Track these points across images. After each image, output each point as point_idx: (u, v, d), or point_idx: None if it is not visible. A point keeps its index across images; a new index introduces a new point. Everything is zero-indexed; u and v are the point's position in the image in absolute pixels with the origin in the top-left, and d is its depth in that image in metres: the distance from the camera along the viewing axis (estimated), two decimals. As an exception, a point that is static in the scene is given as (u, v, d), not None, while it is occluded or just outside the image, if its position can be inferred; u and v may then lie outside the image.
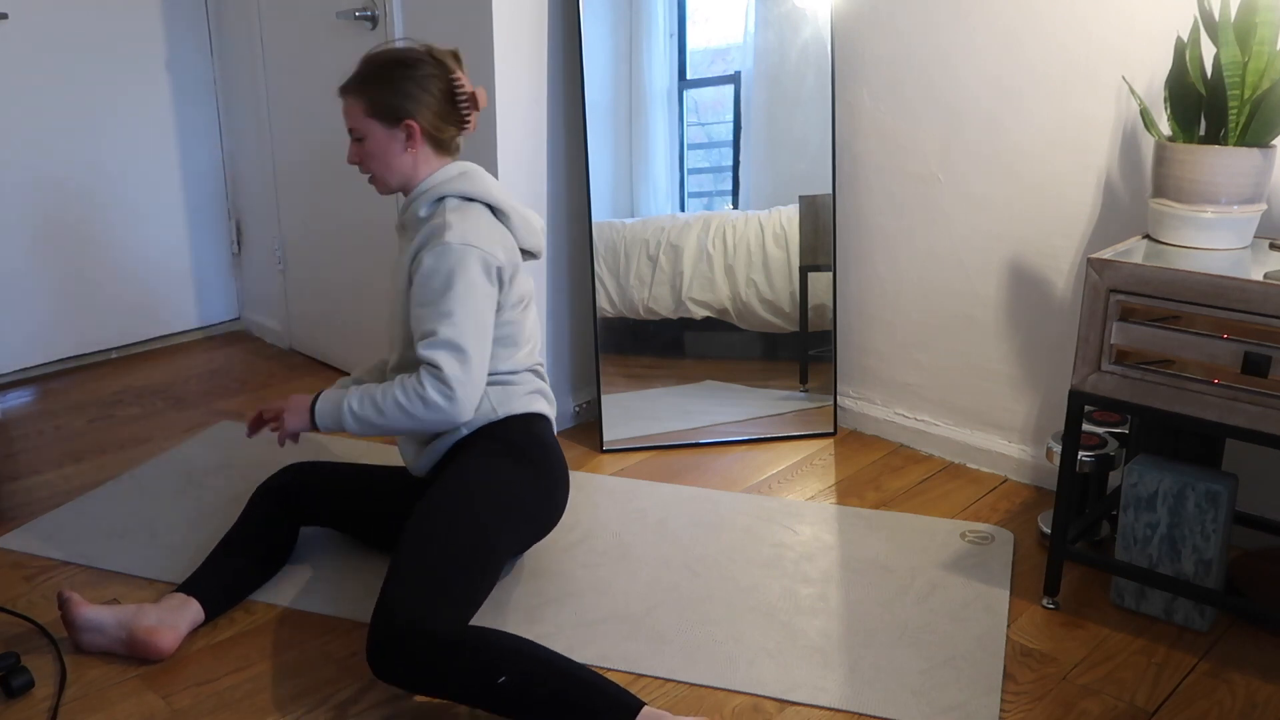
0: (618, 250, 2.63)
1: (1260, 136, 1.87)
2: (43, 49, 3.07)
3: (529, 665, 1.57)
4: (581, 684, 1.56)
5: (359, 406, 1.87)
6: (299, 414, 1.94)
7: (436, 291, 1.83)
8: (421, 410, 1.83)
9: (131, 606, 1.85)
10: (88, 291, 3.28)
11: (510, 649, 1.58)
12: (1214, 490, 1.86)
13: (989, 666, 1.82)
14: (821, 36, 2.60)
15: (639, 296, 2.66)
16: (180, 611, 1.85)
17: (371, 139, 1.92)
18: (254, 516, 2.04)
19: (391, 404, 1.85)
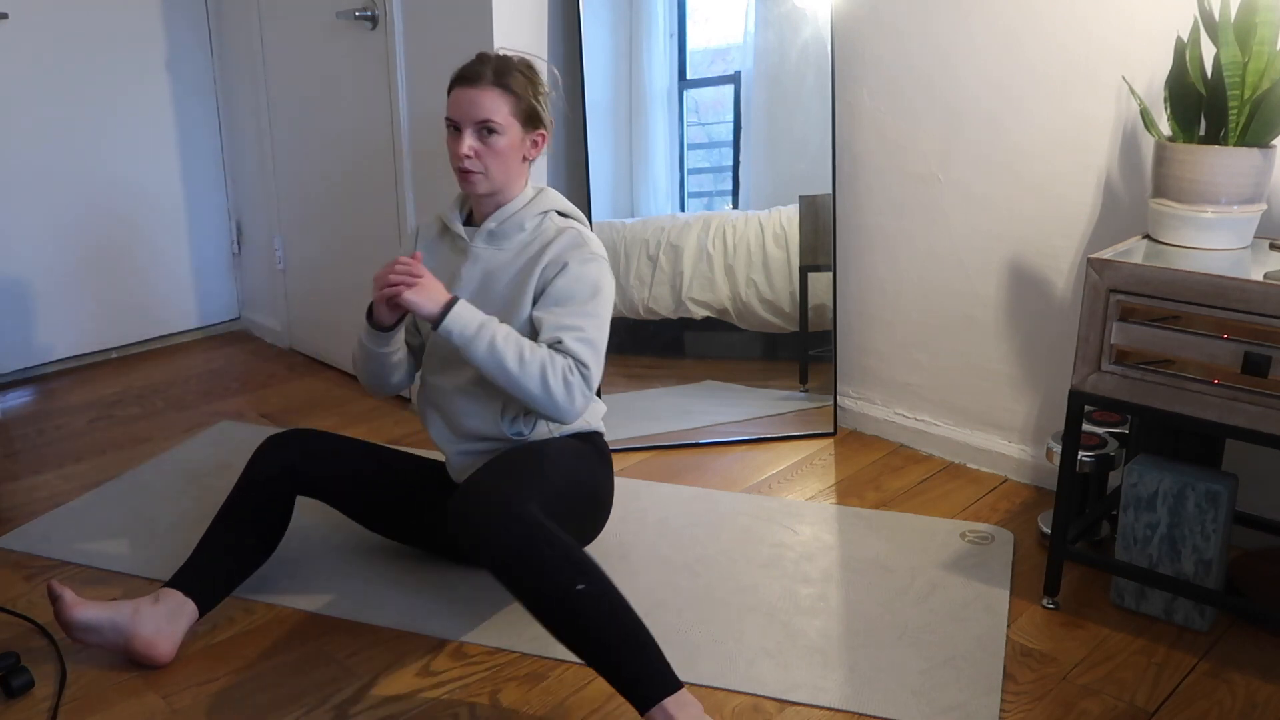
0: (618, 250, 2.62)
1: (1260, 136, 1.87)
2: (43, 49, 3.07)
3: (609, 592, 1.56)
4: (642, 637, 1.55)
5: (503, 341, 1.79)
6: (431, 296, 1.80)
7: (584, 296, 1.86)
8: (559, 389, 1.80)
9: (126, 606, 1.80)
10: (88, 291, 3.28)
11: (597, 570, 1.58)
12: (1214, 490, 1.86)
13: (989, 666, 1.82)
14: (821, 36, 2.59)
15: (639, 296, 2.66)
16: (177, 616, 1.82)
17: (507, 138, 1.88)
18: (254, 482, 1.94)
19: (536, 363, 1.79)
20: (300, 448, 1.99)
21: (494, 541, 1.58)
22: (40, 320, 3.19)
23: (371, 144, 2.91)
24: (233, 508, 1.94)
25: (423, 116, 2.72)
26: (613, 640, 1.54)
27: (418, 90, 2.71)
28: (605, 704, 1.73)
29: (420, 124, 2.73)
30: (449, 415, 1.97)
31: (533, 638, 1.89)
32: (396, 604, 2.00)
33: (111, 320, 3.35)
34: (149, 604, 1.81)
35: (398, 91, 2.74)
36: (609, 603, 1.56)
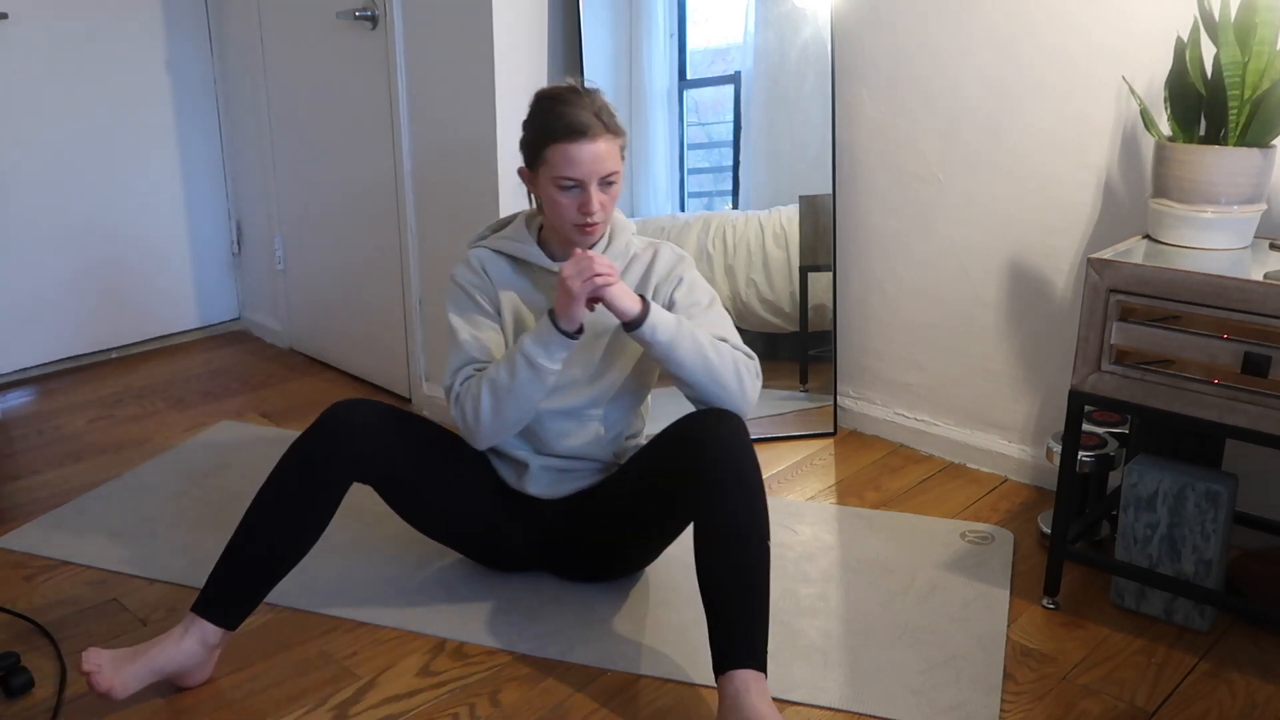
0: (618, 250, 2.62)
1: (1260, 136, 1.87)
2: (43, 49, 3.07)
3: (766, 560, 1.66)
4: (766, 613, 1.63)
5: (702, 335, 1.78)
6: (630, 295, 1.75)
7: (707, 301, 1.90)
8: (748, 381, 1.82)
9: (158, 653, 1.68)
10: (88, 291, 3.28)
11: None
12: (1214, 490, 1.86)
13: (989, 666, 1.82)
14: (821, 36, 2.60)
15: (639, 296, 2.66)
16: (209, 642, 1.73)
17: (620, 181, 1.82)
18: (313, 460, 1.75)
19: (729, 355, 1.79)
20: (378, 428, 1.80)
21: (748, 459, 1.70)
22: (40, 320, 3.19)
23: (371, 144, 2.91)
24: (278, 492, 1.74)
25: (423, 116, 2.72)
26: (757, 597, 1.62)
27: (418, 90, 2.71)
28: (605, 704, 1.73)
29: (420, 124, 2.73)
30: (540, 433, 1.91)
31: (533, 637, 1.89)
32: (396, 604, 2.00)
33: (111, 320, 3.35)
34: (179, 639, 1.70)
35: (398, 91, 2.74)
36: (768, 570, 1.65)
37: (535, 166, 1.81)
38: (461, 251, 1.98)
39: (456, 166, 2.65)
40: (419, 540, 2.22)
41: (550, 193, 1.79)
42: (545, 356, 1.77)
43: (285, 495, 1.75)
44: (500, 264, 1.91)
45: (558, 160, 1.76)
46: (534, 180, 1.84)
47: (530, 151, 1.82)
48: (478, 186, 2.60)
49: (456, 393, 1.84)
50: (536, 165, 1.81)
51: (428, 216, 2.79)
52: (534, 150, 1.81)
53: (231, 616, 1.73)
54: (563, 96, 1.79)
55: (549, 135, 1.77)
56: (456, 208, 2.69)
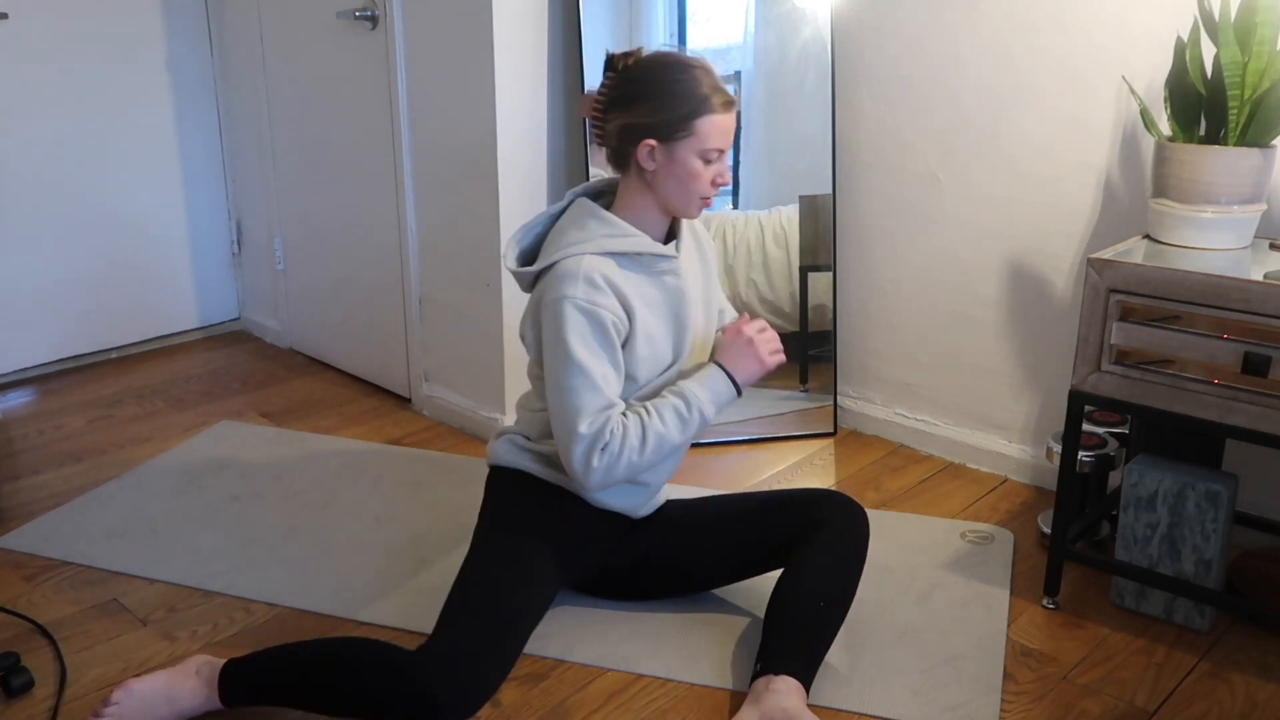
0: (618, 250, 2.62)
1: (1260, 136, 1.87)
2: (43, 49, 3.06)
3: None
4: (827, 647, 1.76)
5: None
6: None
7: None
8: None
9: (181, 694, 1.63)
10: (88, 291, 3.28)
11: None
12: (1214, 490, 1.86)
13: (989, 666, 1.82)
14: (821, 36, 2.60)
15: (639, 296, 2.66)
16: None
17: None
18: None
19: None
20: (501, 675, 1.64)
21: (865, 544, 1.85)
22: (40, 320, 3.19)
23: (371, 144, 2.91)
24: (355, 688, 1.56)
25: (423, 116, 2.72)
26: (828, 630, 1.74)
27: (418, 90, 2.71)
28: (605, 704, 1.73)
29: (420, 124, 2.73)
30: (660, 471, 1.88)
31: (533, 637, 1.89)
32: (397, 604, 2.00)
33: (111, 320, 3.35)
34: (192, 679, 1.65)
35: (398, 91, 2.74)
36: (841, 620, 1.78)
37: (676, 138, 1.69)
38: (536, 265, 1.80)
39: (456, 166, 2.65)
40: (419, 540, 2.22)
41: (690, 165, 1.70)
42: (715, 412, 1.76)
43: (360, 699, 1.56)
44: (612, 266, 1.71)
45: (710, 131, 1.69)
46: (665, 154, 1.70)
47: (674, 124, 1.68)
48: (478, 186, 2.60)
49: (604, 442, 1.68)
50: (680, 137, 1.68)
51: (428, 216, 2.79)
52: (682, 121, 1.68)
53: (235, 699, 1.64)
54: (700, 65, 1.71)
55: (704, 106, 1.68)
56: (456, 208, 2.69)
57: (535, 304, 1.76)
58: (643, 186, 1.75)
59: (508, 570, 1.74)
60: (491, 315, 2.66)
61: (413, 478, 2.52)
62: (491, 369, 2.70)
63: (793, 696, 1.62)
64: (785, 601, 1.76)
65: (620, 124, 1.71)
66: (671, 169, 1.71)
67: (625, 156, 1.74)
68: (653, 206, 1.76)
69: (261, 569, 2.11)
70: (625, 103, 1.71)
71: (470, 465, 2.59)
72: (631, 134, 1.70)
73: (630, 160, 1.73)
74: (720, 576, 1.97)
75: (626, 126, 1.70)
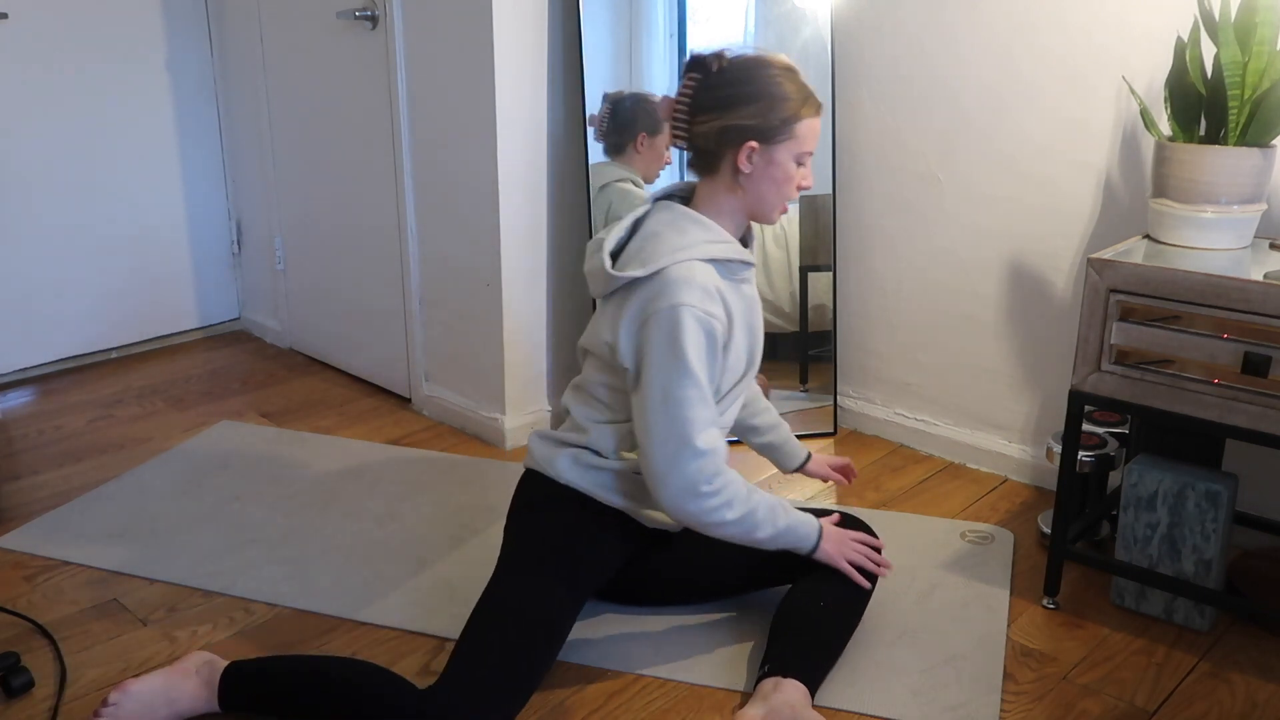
0: (618, 250, 2.62)
1: (1260, 136, 1.87)
2: (43, 49, 3.06)
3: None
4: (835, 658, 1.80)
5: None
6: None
7: None
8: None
9: (180, 696, 1.63)
10: (88, 291, 3.28)
11: None
12: (1214, 490, 1.86)
13: (989, 666, 1.82)
14: (821, 36, 2.59)
15: (639, 296, 2.66)
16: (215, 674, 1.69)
17: None
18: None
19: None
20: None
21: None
22: (40, 320, 3.19)
23: (371, 144, 2.91)
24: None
25: (423, 116, 2.72)
26: (838, 639, 1.79)
27: (418, 90, 2.71)
28: (605, 704, 1.73)
29: (420, 124, 2.73)
30: None
31: (533, 638, 1.89)
32: (396, 604, 2.00)
33: (111, 320, 3.35)
34: (191, 679, 1.65)
35: (398, 91, 2.74)
36: (850, 633, 1.83)
37: (777, 140, 1.67)
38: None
39: (456, 166, 2.65)
40: (419, 540, 2.22)
41: (788, 168, 1.69)
42: (781, 534, 1.75)
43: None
44: (714, 274, 1.68)
45: (807, 134, 1.69)
46: (764, 156, 1.68)
47: (777, 126, 1.66)
48: (478, 186, 2.60)
49: (721, 472, 1.66)
50: (781, 139, 1.67)
51: (428, 216, 2.79)
52: (784, 124, 1.66)
53: (234, 704, 1.64)
54: (793, 67, 1.70)
55: (805, 108, 1.68)
56: (456, 207, 2.69)
57: (638, 312, 1.66)
58: (732, 190, 1.72)
59: (540, 612, 1.65)
60: (491, 315, 2.66)
61: (413, 478, 2.52)
62: (491, 369, 2.70)
63: (799, 698, 1.63)
64: (798, 608, 1.78)
65: (719, 126, 1.67)
66: (769, 172, 1.69)
67: (718, 159, 1.70)
68: (738, 211, 1.74)
69: (261, 569, 2.11)
70: (726, 105, 1.67)
71: (470, 465, 2.59)
72: (732, 136, 1.67)
73: (723, 163, 1.70)
74: (728, 589, 1.98)
75: (727, 129, 1.67)
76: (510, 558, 1.75)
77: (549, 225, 2.67)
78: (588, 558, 1.76)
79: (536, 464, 1.80)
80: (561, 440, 1.79)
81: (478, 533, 2.26)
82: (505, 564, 1.74)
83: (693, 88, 1.70)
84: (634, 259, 1.69)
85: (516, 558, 1.74)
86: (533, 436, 1.84)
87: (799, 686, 1.64)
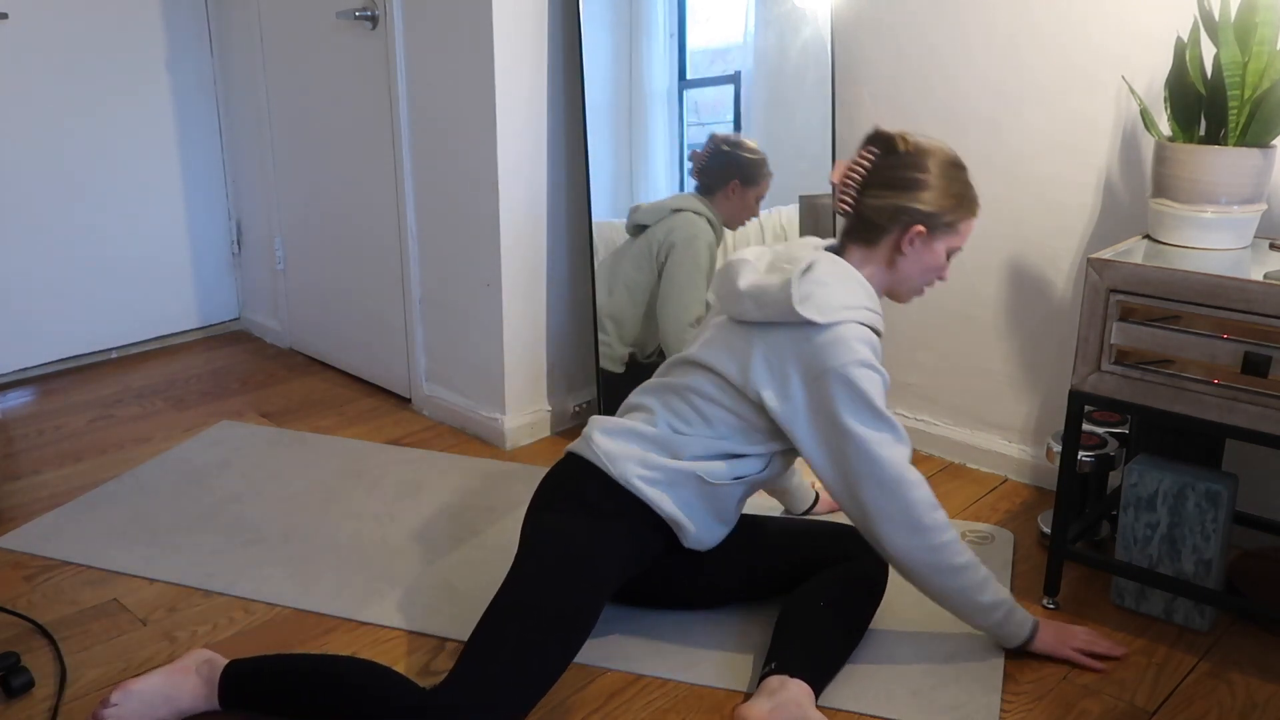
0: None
1: (1260, 136, 1.87)
2: (43, 49, 3.07)
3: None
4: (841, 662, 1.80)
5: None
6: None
7: None
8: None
9: (180, 695, 1.63)
10: (88, 291, 3.28)
11: None
12: (1214, 490, 1.86)
13: (989, 666, 1.82)
14: (821, 36, 2.59)
15: (639, 296, 2.66)
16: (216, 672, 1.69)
17: None
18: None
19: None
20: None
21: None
22: (40, 320, 3.19)
23: (371, 144, 2.91)
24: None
25: (423, 116, 2.72)
26: (846, 642, 1.80)
27: (418, 90, 2.71)
28: (605, 704, 1.73)
29: (420, 124, 2.73)
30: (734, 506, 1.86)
31: (533, 638, 1.89)
32: (396, 604, 2.00)
33: (111, 320, 3.35)
34: (191, 678, 1.65)
35: (398, 91, 2.74)
36: (856, 641, 1.85)
37: (941, 232, 1.76)
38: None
39: (456, 166, 2.65)
40: (419, 540, 2.22)
41: (939, 258, 1.78)
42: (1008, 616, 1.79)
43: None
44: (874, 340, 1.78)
45: (966, 232, 1.80)
46: (925, 242, 1.76)
47: (947, 219, 1.76)
48: (478, 186, 2.60)
49: (934, 503, 1.73)
50: (944, 232, 1.77)
51: (428, 216, 2.79)
52: (953, 219, 1.76)
53: (235, 703, 1.63)
54: (965, 166, 1.80)
55: (973, 209, 1.79)
56: (456, 208, 2.69)
57: (803, 360, 1.69)
58: (884, 265, 1.79)
59: (560, 613, 1.62)
60: (491, 315, 2.66)
61: (413, 478, 2.52)
62: (491, 369, 2.70)
63: (804, 697, 1.63)
64: (805, 609, 1.79)
65: (893, 205, 1.74)
66: (923, 257, 1.77)
67: (880, 234, 1.77)
68: (881, 285, 1.82)
69: (261, 569, 2.11)
70: (903, 187, 1.74)
71: (470, 465, 2.59)
72: (903, 218, 1.74)
73: (885, 239, 1.77)
74: (736, 597, 1.98)
75: (901, 210, 1.74)
76: (533, 554, 1.71)
77: (549, 225, 2.67)
78: (613, 561, 1.73)
79: (596, 458, 1.76)
80: (634, 437, 1.78)
81: (478, 533, 2.26)
82: (527, 560, 1.70)
83: (871, 162, 1.77)
84: (805, 301, 1.68)
85: (540, 554, 1.70)
86: (596, 429, 1.80)
87: (803, 686, 1.64)
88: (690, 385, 1.78)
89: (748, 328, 1.74)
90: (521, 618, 1.60)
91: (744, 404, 1.74)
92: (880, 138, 1.77)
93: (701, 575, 1.92)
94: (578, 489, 1.77)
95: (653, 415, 1.80)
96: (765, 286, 1.72)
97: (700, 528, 1.79)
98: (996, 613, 1.77)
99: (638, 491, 1.73)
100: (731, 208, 2.58)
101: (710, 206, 2.56)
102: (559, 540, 1.71)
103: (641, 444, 1.77)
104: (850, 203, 1.78)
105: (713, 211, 2.57)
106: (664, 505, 1.74)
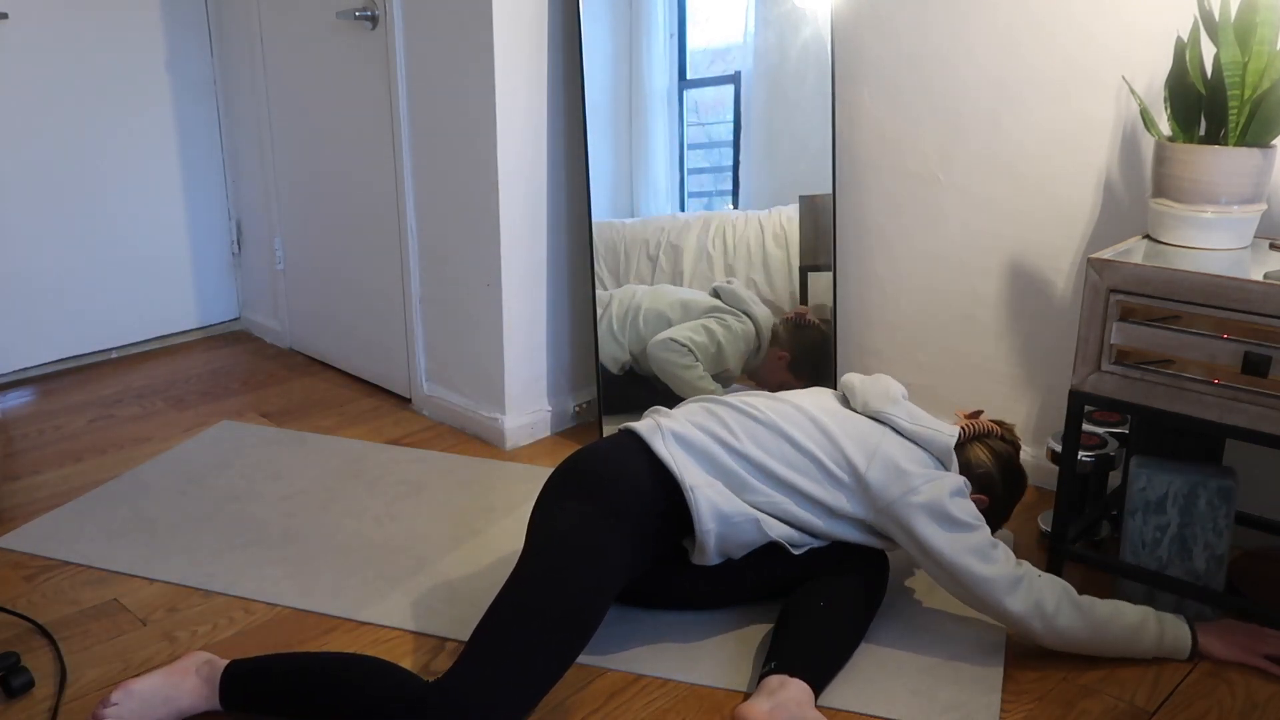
0: (618, 250, 2.62)
1: (1260, 136, 1.87)
2: (43, 49, 3.07)
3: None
4: (846, 653, 1.84)
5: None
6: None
7: None
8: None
9: (181, 696, 1.63)
10: (88, 291, 3.28)
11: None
12: (1225, 486, 1.86)
13: (989, 666, 1.82)
14: (821, 36, 2.60)
15: (639, 296, 2.66)
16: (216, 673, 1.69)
17: None
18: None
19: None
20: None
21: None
22: (40, 320, 3.19)
23: (372, 144, 2.91)
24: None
25: (423, 116, 2.72)
26: (846, 644, 1.80)
27: (418, 90, 2.71)
28: (605, 704, 1.73)
29: (420, 124, 2.73)
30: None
31: (533, 638, 1.89)
32: (397, 604, 2.00)
33: (111, 320, 3.35)
34: (191, 678, 1.65)
35: (398, 91, 2.74)
36: (858, 641, 1.86)
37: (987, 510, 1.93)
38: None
39: (456, 166, 2.65)
40: (419, 540, 2.22)
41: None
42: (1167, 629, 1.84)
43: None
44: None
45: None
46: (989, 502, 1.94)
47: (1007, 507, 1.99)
48: (478, 186, 2.60)
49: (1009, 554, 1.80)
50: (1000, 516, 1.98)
51: (428, 216, 2.79)
52: (1008, 507, 2.00)
53: (236, 703, 1.63)
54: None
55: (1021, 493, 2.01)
56: (456, 208, 2.69)
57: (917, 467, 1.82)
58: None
59: (565, 612, 1.61)
60: (491, 315, 2.66)
61: (413, 478, 2.52)
62: (491, 369, 2.70)
63: (804, 697, 1.63)
64: (807, 609, 1.79)
65: (983, 476, 1.92)
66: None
67: (963, 468, 1.92)
68: None
69: (261, 569, 2.11)
70: (996, 481, 1.93)
71: (470, 465, 2.59)
72: (980, 486, 1.92)
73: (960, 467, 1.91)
74: (737, 599, 1.98)
75: (986, 478, 1.92)
76: (538, 554, 1.69)
77: (549, 225, 2.67)
78: (618, 565, 1.70)
79: (670, 462, 1.77)
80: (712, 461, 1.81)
81: (478, 533, 2.26)
82: (531, 560, 1.68)
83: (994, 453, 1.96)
84: (920, 418, 1.89)
85: (545, 555, 1.68)
86: (669, 434, 1.82)
87: (804, 686, 1.64)
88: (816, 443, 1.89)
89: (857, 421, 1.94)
90: (524, 619, 1.60)
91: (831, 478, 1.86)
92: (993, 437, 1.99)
93: (702, 577, 1.92)
94: (617, 475, 1.76)
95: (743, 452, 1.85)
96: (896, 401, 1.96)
97: (717, 557, 1.82)
98: (1143, 641, 1.82)
99: (696, 506, 1.75)
100: (767, 369, 2.73)
101: (753, 358, 2.72)
102: (565, 541, 1.70)
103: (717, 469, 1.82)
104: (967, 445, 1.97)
105: (752, 362, 2.72)
106: (705, 523, 1.76)
